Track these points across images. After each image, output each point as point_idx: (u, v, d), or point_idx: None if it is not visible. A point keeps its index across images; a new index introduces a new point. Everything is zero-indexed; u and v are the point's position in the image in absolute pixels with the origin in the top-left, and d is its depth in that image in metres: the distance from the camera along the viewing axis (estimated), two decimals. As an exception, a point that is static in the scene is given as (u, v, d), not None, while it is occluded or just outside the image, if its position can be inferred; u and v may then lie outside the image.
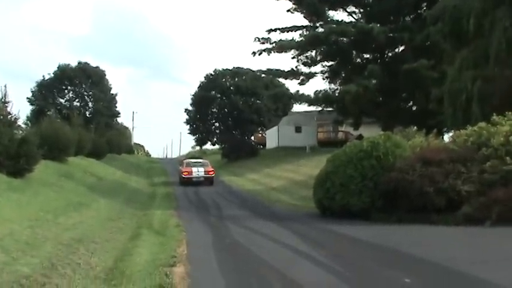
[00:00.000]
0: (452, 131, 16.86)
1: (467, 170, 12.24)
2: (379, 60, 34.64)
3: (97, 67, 59.02)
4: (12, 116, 16.46)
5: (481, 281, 6.51)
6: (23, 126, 20.88)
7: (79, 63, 57.81)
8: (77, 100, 57.41)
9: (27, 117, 47.68)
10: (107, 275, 7.01)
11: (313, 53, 36.92)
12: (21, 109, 32.28)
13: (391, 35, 31.97)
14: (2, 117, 16.02)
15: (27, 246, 7.79)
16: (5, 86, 16.36)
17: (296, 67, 38.06)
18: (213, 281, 6.90)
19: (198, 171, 27.92)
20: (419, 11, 32.46)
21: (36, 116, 44.16)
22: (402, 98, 34.82)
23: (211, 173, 28.38)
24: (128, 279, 6.69)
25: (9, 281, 5.90)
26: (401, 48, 34.44)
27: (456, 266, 7.31)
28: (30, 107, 53.42)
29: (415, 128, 17.70)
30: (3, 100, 16.17)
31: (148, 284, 6.44)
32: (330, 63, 37.65)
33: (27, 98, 54.38)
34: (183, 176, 27.97)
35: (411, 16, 34.20)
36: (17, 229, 8.79)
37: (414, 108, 34.57)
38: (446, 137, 19.79)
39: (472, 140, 13.40)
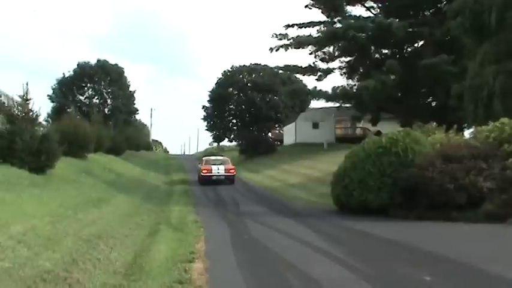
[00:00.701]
0: (473, 127, 16.64)
1: (488, 167, 12.08)
2: (398, 56, 34.32)
3: (116, 64, 59.42)
4: (33, 113, 16.70)
5: (502, 279, 6.42)
6: (43, 123, 21.19)
7: (98, 60, 58.29)
8: (96, 97, 57.85)
9: (48, 114, 48.34)
10: (127, 270, 7.08)
11: (331, 49, 36.81)
12: (42, 106, 32.77)
13: (411, 29, 31.63)
14: (24, 114, 16.27)
15: (49, 241, 7.90)
16: (27, 84, 16.59)
17: (314, 63, 38.02)
18: (231, 276, 6.92)
19: (218, 170, 26.17)
20: (439, 5, 32.10)
21: (56, 113, 44.69)
22: (421, 94, 34.46)
23: (232, 171, 26.51)
24: (147, 275, 6.74)
25: (32, 275, 5.99)
26: (421, 43, 34.07)
27: (477, 263, 7.22)
28: (51, 104, 54.18)
29: (435, 124, 17.49)
30: (24, 97, 16.41)
31: (168, 280, 6.49)
32: (348, 58, 37.47)
33: (48, 95, 55.12)
34: (202, 174, 26.20)
35: (431, 10, 33.82)
36: (39, 225, 8.92)
37: (434, 104, 34.20)
38: (467, 133, 19.53)
39: (493, 136, 13.22)
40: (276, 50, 37.14)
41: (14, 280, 5.69)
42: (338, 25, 35.40)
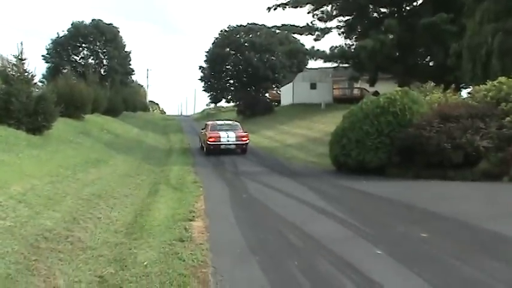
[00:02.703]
0: (471, 86, 16.60)
1: (485, 126, 12.12)
2: (396, 15, 33.77)
3: (111, 24, 58.55)
4: (29, 73, 16.49)
5: (498, 235, 6.54)
6: (39, 83, 20.96)
7: (93, 20, 57.38)
8: (91, 57, 57.25)
9: (43, 75, 47.96)
10: (128, 229, 7.18)
11: (329, 8, 36.19)
12: (37, 67, 32.32)
13: (410, -13, 31.04)
14: (19, 74, 16.06)
15: (49, 201, 7.96)
16: (21, 43, 16.29)
17: (311, 22, 37.43)
18: (231, 234, 7.02)
19: (227, 137, 21.79)
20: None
21: (51, 74, 44.29)
22: (420, 53, 34.13)
23: (244, 139, 21.92)
24: (148, 233, 6.84)
25: (34, 233, 6.06)
26: (420, 1, 33.48)
27: (473, 220, 7.34)
28: (46, 65, 53.65)
29: (433, 83, 17.43)
30: (19, 57, 16.17)
31: (168, 238, 6.59)
32: (346, 18, 36.87)
33: (42, 55, 54.55)
34: (209, 142, 21.47)
35: (431, -33, 33.05)
36: (39, 184, 8.96)
37: (432, 63, 33.93)
38: (465, 93, 19.49)
39: (491, 95, 13.21)
40: (274, 9, 36.56)
41: (16, 238, 5.75)
42: (336, -18, 34.69)
